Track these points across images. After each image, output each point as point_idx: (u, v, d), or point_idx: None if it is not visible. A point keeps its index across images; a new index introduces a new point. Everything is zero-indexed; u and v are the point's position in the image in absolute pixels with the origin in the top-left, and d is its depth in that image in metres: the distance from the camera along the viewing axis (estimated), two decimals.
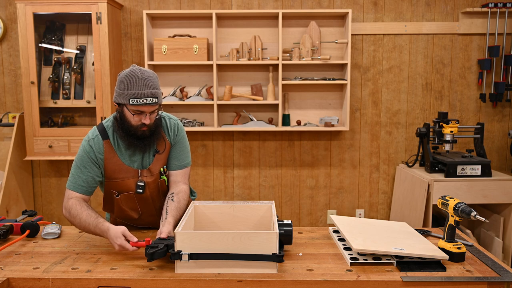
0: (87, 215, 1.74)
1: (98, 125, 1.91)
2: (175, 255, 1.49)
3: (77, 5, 3.27)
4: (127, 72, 1.77)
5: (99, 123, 1.92)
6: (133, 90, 1.73)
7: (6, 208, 3.34)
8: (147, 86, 1.74)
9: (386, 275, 1.49)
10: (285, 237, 1.65)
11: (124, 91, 1.75)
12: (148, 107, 1.77)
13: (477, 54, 3.64)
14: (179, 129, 1.98)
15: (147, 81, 1.75)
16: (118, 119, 1.83)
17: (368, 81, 3.68)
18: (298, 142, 3.75)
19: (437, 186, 3.05)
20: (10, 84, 3.70)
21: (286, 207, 3.82)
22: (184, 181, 1.98)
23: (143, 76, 1.75)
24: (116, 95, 1.80)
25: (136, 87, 1.73)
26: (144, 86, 1.74)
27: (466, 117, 3.72)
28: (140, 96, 1.73)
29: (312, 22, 3.49)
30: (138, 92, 1.73)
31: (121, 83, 1.76)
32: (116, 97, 1.79)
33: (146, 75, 1.76)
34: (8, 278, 1.49)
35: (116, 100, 1.80)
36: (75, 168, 1.85)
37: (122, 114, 1.81)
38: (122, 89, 1.75)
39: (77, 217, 1.75)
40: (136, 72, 1.75)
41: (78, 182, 1.83)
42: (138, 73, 1.75)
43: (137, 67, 1.78)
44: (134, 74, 1.75)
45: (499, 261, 1.62)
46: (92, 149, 1.84)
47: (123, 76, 1.77)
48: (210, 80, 3.61)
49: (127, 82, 1.74)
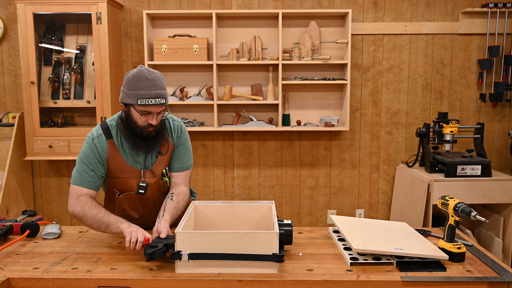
0: (105, 211, 1.76)
1: (102, 123, 1.90)
2: (175, 255, 1.49)
3: (77, 5, 3.27)
4: (134, 72, 1.77)
5: (102, 122, 1.92)
6: (141, 91, 1.73)
7: (6, 208, 3.34)
8: (155, 86, 1.75)
9: (386, 275, 1.49)
10: (285, 237, 1.65)
11: (132, 92, 1.74)
12: (156, 108, 1.77)
13: (477, 54, 3.64)
14: (182, 131, 1.99)
15: (155, 81, 1.75)
16: (124, 119, 1.82)
17: (368, 81, 3.68)
18: (298, 142, 3.75)
19: (437, 186, 3.05)
20: (10, 84, 3.70)
21: (286, 207, 3.82)
22: (185, 183, 1.99)
23: (151, 76, 1.75)
24: (123, 95, 1.79)
25: (144, 88, 1.73)
26: (152, 86, 1.74)
27: (466, 117, 3.72)
28: (148, 96, 1.73)
29: (312, 22, 3.49)
30: (147, 92, 1.73)
31: (128, 84, 1.76)
32: (123, 97, 1.79)
33: (154, 75, 1.77)
34: (8, 278, 1.49)
35: (123, 100, 1.79)
36: (80, 164, 1.83)
37: (128, 114, 1.80)
38: (130, 90, 1.75)
39: (94, 210, 1.73)
40: (144, 72, 1.76)
41: (85, 177, 1.81)
42: (146, 73, 1.75)
43: (145, 68, 1.78)
44: (142, 74, 1.75)
45: (499, 261, 1.62)
46: (97, 147, 1.84)
47: (130, 77, 1.76)
48: (210, 80, 3.61)
49: (135, 83, 1.74)
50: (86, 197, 1.78)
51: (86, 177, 1.81)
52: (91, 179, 1.82)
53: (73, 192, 1.80)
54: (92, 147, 1.83)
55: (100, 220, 1.72)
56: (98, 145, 1.84)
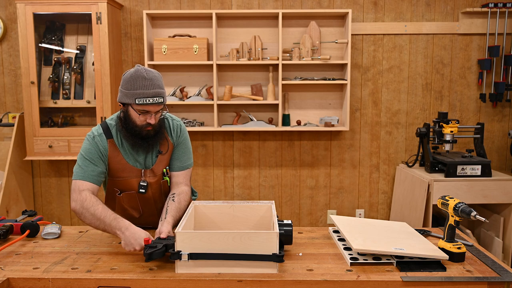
0: (104, 209, 1.72)
1: (102, 123, 1.90)
2: (175, 255, 1.49)
3: (77, 5, 3.27)
4: (132, 72, 1.77)
5: (102, 121, 1.91)
6: (139, 90, 1.73)
7: (6, 208, 3.34)
8: (153, 86, 1.75)
9: (386, 275, 1.49)
10: (285, 237, 1.65)
11: (129, 91, 1.75)
12: (154, 107, 1.77)
13: (477, 54, 3.64)
14: (181, 130, 1.99)
15: (153, 81, 1.75)
16: (123, 118, 1.82)
17: (368, 81, 3.68)
18: (298, 142, 3.75)
19: (437, 186, 3.05)
20: (10, 84, 3.70)
21: (286, 207, 3.82)
22: (185, 182, 1.99)
23: (148, 76, 1.75)
24: (121, 95, 1.79)
25: (142, 87, 1.73)
26: (150, 86, 1.74)
27: (466, 117, 3.72)
28: (146, 96, 1.73)
29: (312, 22, 3.49)
30: (144, 92, 1.73)
31: (126, 83, 1.76)
32: (121, 97, 1.79)
33: (152, 75, 1.76)
34: (8, 278, 1.49)
35: (121, 100, 1.79)
36: (82, 160, 1.81)
37: (126, 114, 1.80)
38: (127, 89, 1.75)
39: (92, 208, 1.70)
40: (141, 72, 1.75)
41: (87, 171, 1.79)
42: (144, 73, 1.75)
43: (142, 67, 1.78)
44: (140, 74, 1.75)
45: (499, 261, 1.62)
46: (98, 144, 1.83)
47: (128, 76, 1.76)
48: (210, 80, 3.61)
49: (133, 82, 1.74)
50: (87, 192, 1.76)
51: (89, 172, 1.80)
52: (94, 173, 1.80)
53: (75, 187, 1.78)
54: (93, 144, 1.83)
55: (98, 219, 1.70)
56: (99, 143, 1.84)
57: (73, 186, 1.79)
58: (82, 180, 1.78)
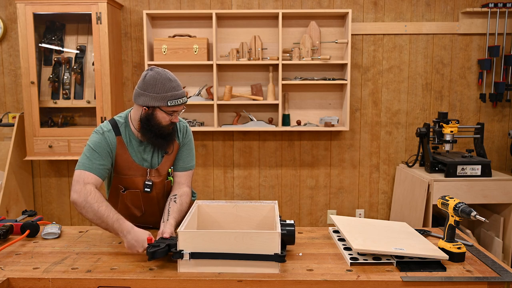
0: (107, 207, 1.69)
1: (110, 120, 1.90)
2: (177, 254, 1.49)
3: (77, 5, 3.27)
4: (154, 75, 1.77)
5: (110, 119, 1.91)
6: (170, 92, 1.76)
7: (6, 208, 3.34)
8: (179, 86, 1.81)
9: (386, 275, 1.49)
10: (287, 237, 1.64)
11: (160, 94, 1.76)
12: (182, 107, 1.84)
13: (477, 54, 3.64)
14: (187, 131, 2.01)
15: (177, 81, 1.81)
16: (145, 121, 1.80)
17: (368, 81, 3.68)
18: (298, 142, 3.75)
19: (437, 186, 3.05)
20: (10, 84, 3.70)
21: (286, 207, 3.82)
22: (187, 183, 1.99)
23: (172, 77, 1.80)
24: (147, 99, 1.77)
25: (171, 89, 1.77)
26: (177, 87, 1.80)
27: (466, 117, 3.72)
28: (177, 97, 1.78)
29: (312, 22, 3.49)
30: (175, 93, 1.77)
31: (153, 87, 1.76)
32: (148, 100, 1.77)
33: (173, 76, 1.81)
34: (8, 278, 1.49)
35: (149, 103, 1.77)
36: (91, 152, 1.78)
37: (152, 116, 1.79)
38: (157, 92, 1.76)
39: (95, 204, 1.67)
40: (165, 74, 1.79)
41: (95, 163, 1.76)
42: (167, 74, 1.79)
43: (160, 69, 1.81)
44: (165, 76, 1.78)
45: (499, 261, 1.62)
46: (107, 140, 1.83)
47: (152, 80, 1.76)
48: (210, 80, 3.61)
49: (162, 85, 1.76)
50: (92, 186, 1.72)
51: (96, 164, 1.77)
52: (101, 166, 1.78)
53: (79, 178, 1.73)
54: (103, 139, 1.82)
55: (101, 218, 1.67)
56: (108, 138, 1.84)
57: (76, 176, 1.74)
58: (89, 172, 1.74)
